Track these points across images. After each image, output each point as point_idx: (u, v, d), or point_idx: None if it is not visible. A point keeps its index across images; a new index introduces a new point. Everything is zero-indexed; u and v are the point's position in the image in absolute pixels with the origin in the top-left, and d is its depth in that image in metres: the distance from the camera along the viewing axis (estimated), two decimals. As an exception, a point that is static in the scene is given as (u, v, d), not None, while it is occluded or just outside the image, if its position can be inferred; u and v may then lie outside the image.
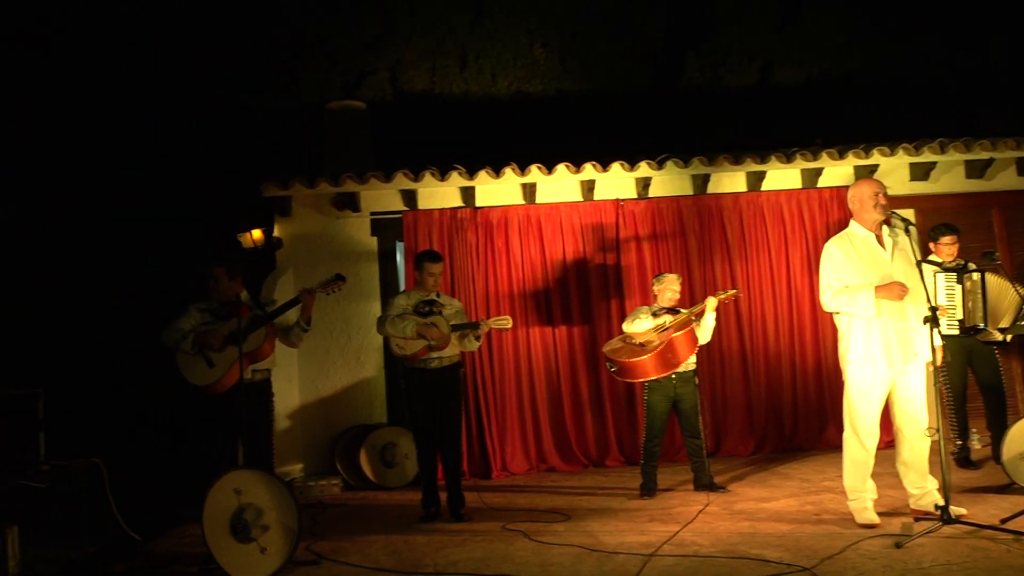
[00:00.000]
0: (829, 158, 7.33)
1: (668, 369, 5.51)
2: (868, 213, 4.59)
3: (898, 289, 4.41)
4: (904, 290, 4.42)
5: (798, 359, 7.24)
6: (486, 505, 5.69)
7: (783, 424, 7.21)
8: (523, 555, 4.40)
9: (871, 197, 4.57)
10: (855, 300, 4.45)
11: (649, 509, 5.32)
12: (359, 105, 8.26)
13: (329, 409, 7.20)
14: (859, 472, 4.57)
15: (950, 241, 5.91)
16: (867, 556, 3.95)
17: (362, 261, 7.38)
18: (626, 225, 7.30)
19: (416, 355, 5.30)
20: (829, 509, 4.95)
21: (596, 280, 7.25)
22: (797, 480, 5.96)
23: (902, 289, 4.42)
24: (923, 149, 7.36)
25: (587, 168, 7.21)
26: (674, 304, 5.79)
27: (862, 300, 4.43)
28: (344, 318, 7.30)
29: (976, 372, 5.94)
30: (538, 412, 7.09)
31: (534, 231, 7.27)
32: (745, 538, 4.44)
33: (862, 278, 4.51)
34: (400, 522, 5.40)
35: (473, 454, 6.94)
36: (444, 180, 7.20)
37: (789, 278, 7.31)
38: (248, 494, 4.20)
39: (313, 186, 7.13)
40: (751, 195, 7.45)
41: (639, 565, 4.05)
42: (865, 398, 4.52)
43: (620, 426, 7.12)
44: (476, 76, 9.38)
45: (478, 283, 7.13)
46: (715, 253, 7.32)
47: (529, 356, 7.14)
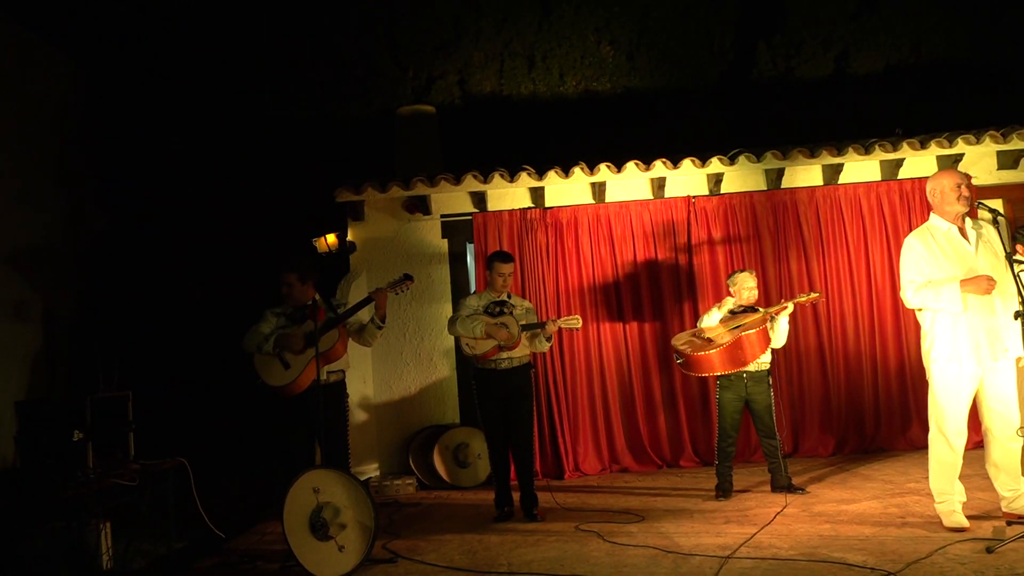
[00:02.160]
0: (910, 148, 7.07)
1: (735, 366, 5.39)
2: (950, 205, 4.41)
3: (985, 283, 4.22)
4: (992, 283, 4.23)
5: (879, 357, 7.01)
6: (559, 505, 5.68)
7: (864, 424, 6.99)
8: (597, 556, 4.38)
9: (953, 189, 4.39)
10: (940, 295, 4.29)
11: (725, 511, 5.23)
12: (428, 109, 8.37)
13: (403, 409, 7.31)
14: (946, 474, 4.40)
15: None
16: (956, 561, 3.80)
17: (433, 263, 7.47)
18: (698, 223, 7.19)
19: (486, 355, 5.33)
20: (914, 512, 4.78)
21: (667, 279, 7.17)
22: (880, 481, 5.77)
23: (989, 283, 4.23)
24: (1011, 136, 7.03)
25: (657, 165, 7.13)
26: (753, 302, 5.67)
27: (947, 295, 4.26)
28: (416, 320, 7.40)
29: None
30: (610, 412, 7.04)
31: (604, 230, 7.23)
32: (826, 541, 4.32)
33: (945, 273, 4.34)
34: (474, 521, 5.44)
35: (545, 454, 6.95)
36: (513, 181, 7.22)
37: (869, 274, 7.08)
38: (326, 493, 4.29)
39: (385, 190, 7.25)
40: (828, 189, 7.25)
41: (716, 567, 3.99)
42: (952, 397, 4.35)
43: (694, 426, 7.03)
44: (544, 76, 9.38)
45: (548, 283, 7.13)
46: (791, 250, 7.15)
47: (601, 356, 7.10)
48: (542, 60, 9.06)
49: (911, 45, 8.95)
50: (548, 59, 9.05)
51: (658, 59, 9.29)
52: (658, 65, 9.32)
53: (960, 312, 4.26)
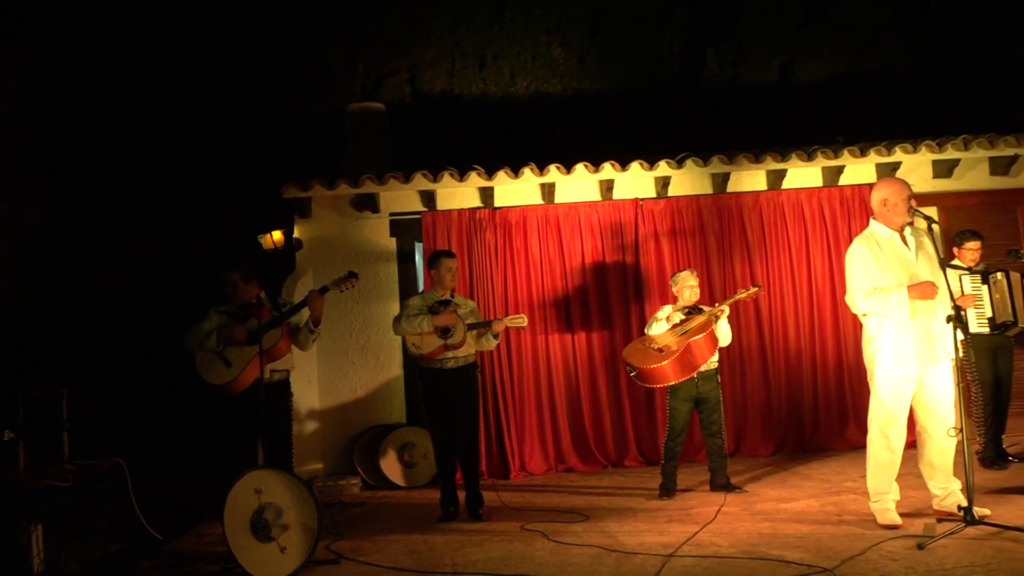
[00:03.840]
0: (851, 156, 7.25)
1: (688, 373, 5.46)
2: (898, 216, 4.53)
3: (930, 288, 4.37)
4: (935, 289, 4.38)
5: (819, 359, 7.18)
6: (505, 505, 5.69)
7: (803, 424, 7.15)
8: (542, 555, 4.40)
9: (904, 200, 4.51)
10: (888, 301, 4.39)
11: (668, 509, 5.30)
12: (378, 107, 8.30)
13: (348, 409, 7.24)
14: (885, 473, 4.52)
15: (975, 247, 6.01)
16: (889, 557, 3.90)
17: (381, 262, 7.41)
18: (645, 224, 7.27)
19: (432, 355, 5.32)
20: (850, 510, 4.91)
21: (615, 280, 7.23)
22: (818, 480, 5.91)
23: (933, 288, 4.38)
24: (946, 146, 7.26)
25: (606, 167, 7.19)
26: (695, 302, 5.75)
27: (896, 300, 4.37)
28: (363, 319, 7.34)
29: (996, 369, 5.99)
30: (556, 412, 7.08)
31: (553, 231, 7.26)
32: (765, 539, 4.41)
33: (890, 279, 4.46)
34: (419, 522, 5.42)
35: (492, 454, 6.95)
36: (463, 180, 7.21)
37: (810, 277, 7.25)
38: (268, 493, 4.23)
39: (333, 187, 7.17)
40: (771, 194, 7.39)
41: (658, 566, 4.04)
42: (896, 399, 4.47)
43: (639, 426, 7.10)
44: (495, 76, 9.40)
45: (496, 284, 7.14)
46: (735, 252, 7.27)
47: (548, 356, 7.13)
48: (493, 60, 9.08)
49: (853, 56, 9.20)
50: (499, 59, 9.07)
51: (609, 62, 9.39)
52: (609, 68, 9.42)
53: (907, 317, 4.38)
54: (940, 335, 4.44)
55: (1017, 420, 6.62)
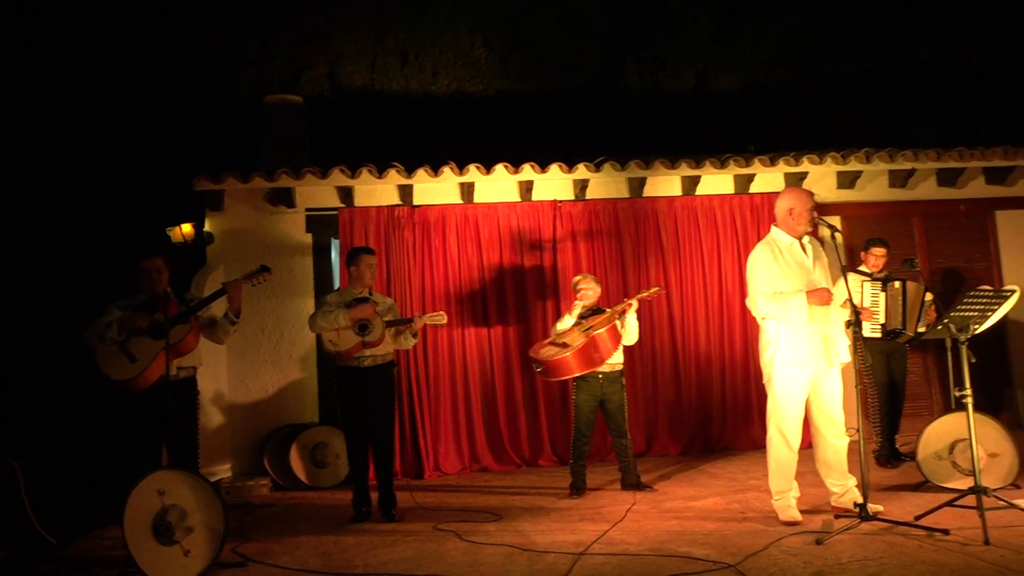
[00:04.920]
0: (761, 165, 7.50)
1: (591, 366, 5.55)
2: (801, 225, 4.71)
3: (826, 294, 4.57)
4: (831, 296, 4.59)
5: (727, 360, 7.39)
6: (418, 505, 5.66)
7: (712, 424, 7.35)
8: (454, 555, 4.39)
9: (808, 211, 4.70)
10: (788, 305, 4.56)
11: (580, 508, 5.37)
12: (296, 99, 8.13)
13: (259, 408, 7.07)
14: (784, 472, 4.69)
15: (880, 253, 6.31)
16: (789, 553, 4.05)
17: (296, 258, 7.26)
18: (563, 226, 7.35)
19: (349, 352, 5.24)
20: (754, 507, 5.07)
21: (532, 280, 7.28)
22: (724, 479, 6.08)
23: (829, 294, 4.59)
24: (850, 158, 7.59)
25: (525, 169, 7.23)
26: (594, 303, 5.87)
27: (795, 305, 4.54)
28: (276, 315, 7.18)
29: (890, 372, 6.31)
30: (472, 412, 7.08)
31: (471, 231, 7.26)
32: (673, 536, 4.51)
33: (790, 284, 4.63)
34: (330, 523, 5.33)
35: (406, 454, 6.90)
36: (382, 177, 7.13)
37: (721, 281, 7.46)
38: (172, 495, 4.09)
39: (247, 181, 6.99)
40: (686, 199, 7.58)
41: (569, 564, 4.08)
42: (792, 400, 4.64)
43: (553, 426, 7.17)
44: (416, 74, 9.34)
45: (414, 282, 7.09)
46: (650, 255, 7.42)
47: (464, 356, 7.13)
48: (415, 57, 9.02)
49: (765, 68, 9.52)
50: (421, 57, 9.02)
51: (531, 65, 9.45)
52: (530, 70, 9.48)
53: (804, 321, 4.55)
54: (833, 340, 4.65)
55: (911, 421, 6.97)
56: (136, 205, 7.82)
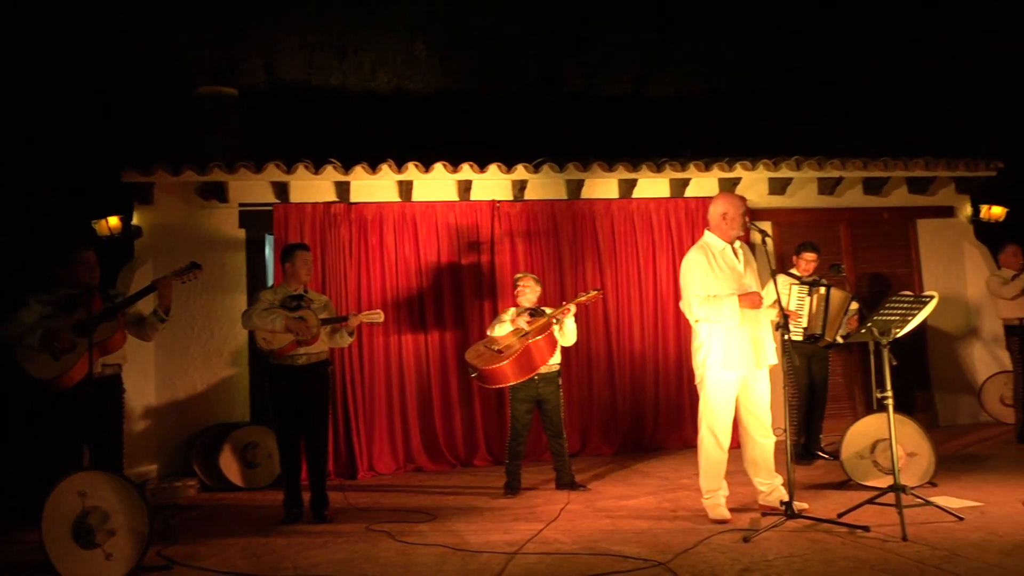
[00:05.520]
0: (696, 170, 7.64)
1: (527, 374, 5.56)
2: (733, 229, 4.81)
3: (757, 298, 4.69)
4: (762, 299, 4.71)
5: (661, 361, 7.51)
6: (351, 506, 5.60)
7: (645, 424, 7.46)
8: (387, 556, 4.36)
9: (740, 216, 4.81)
10: (722, 308, 4.65)
11: (514, 508, 5.38)
12: (230, 91, 7.95)
13: (187, 407, 6.89)
14: (715, 471, 4.78)
15: (811, 258, 6.52)
16: (718, 550, 4.13)
17: (228, 253, 7.11)
18: (501, 226, 7.36)
19: (284, 350, 5.15)
20: (685, 506, 5.16)
21: (469, 280, 7.27)
22: (656, 478, 6.18)
23: (760, 298, 4.71)
24: (781, 165, 7.79)
25: (464, 168, 7.22)
26: (535, 304, 5.88)
27: (728, 308, 4.64)
28: (207, 312, 7.01)
29: (811, 375, 6.53)
30: (407, 411, 7.04)
31: (409, 229, 7.21)
32: (605, 535, 4.56)
33: (723, 288, 4.73)
34: (260, 524, 5.23)
35: (339, 453, 6.82)
36: (318, 173, 7.03)
37: (655, 283, 7.57)
38: (93, 497, 3.96)
39: (178, 174, 6.81)
40: (622, 202, 7.67)
41: (503, 563, 4.09)
42: (724, 401, 4.74)
43: (489, 426, 7.17)
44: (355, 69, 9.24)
45: (350, 280, 7.01)
46: (587, 257, 7.49)
47: (400, 355, 7.08)
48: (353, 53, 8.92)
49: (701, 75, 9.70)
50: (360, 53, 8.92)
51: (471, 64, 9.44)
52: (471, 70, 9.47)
53: (736, 324, 4.65)
54: (763, 342, 4.78)
55: (836, 421, 7.20)
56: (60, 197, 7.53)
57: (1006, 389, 7.65)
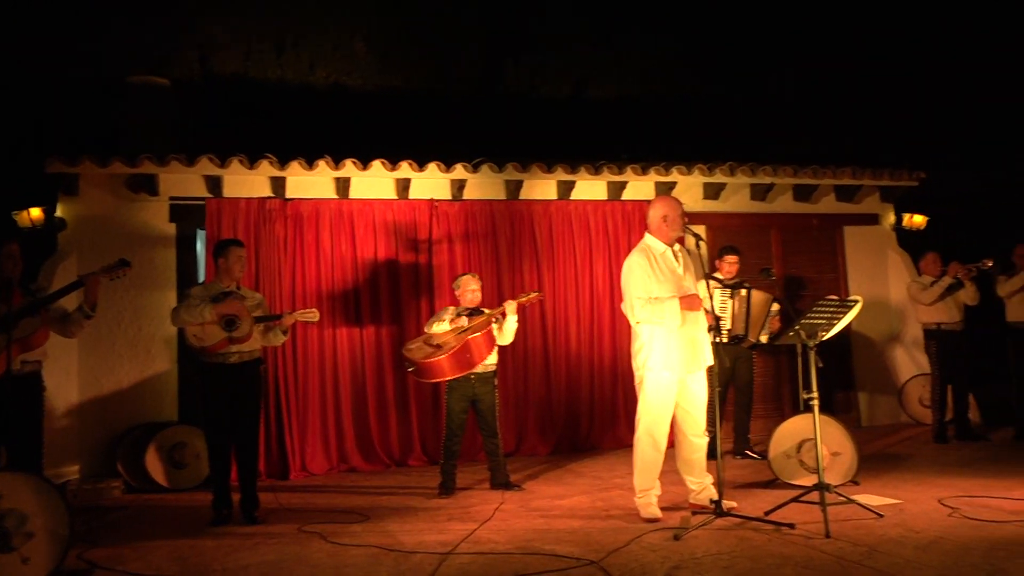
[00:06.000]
0: (633, 173, 7.74)
1: (464, 370, 5.57)
2: (673, 231, 4.88)
3: (697, 300, 4.75)
4: (700, 301, 4.77)
5: (596, 362, 7.59)
6: (282, 506, 5.51)
7: (580, 424, 7.53)
8: (318, 557, 4.30)
9: (679, 217, 4.87)
10: (664, 311, 4.69)
11: (449, 508, 5.37)
12: (163, 82, 7.74)
13: (112, 405, 6.68)
14: (650, 471, 4.84)
15: (732, 260, 6.71)
16: (649, 548, 4.19)
17: (158, 248, 6.92)
18: (439, 226, 7.34)
19: (215, 348, 5.04)
20: (618, 505, 5.22)
21: (407, 279, 7.23)
22: (590, 478, 6.24)
23: (699, 300, 4.77)
24: (715, 171, 7.95)
25: (403, 166, 7.18)
26: (476, 304, 5.89)
27: (669, 311, 4.69)
28: (135, 308, 6.81)
29: (736, 376, 6.70)
30: (341, 411, 6.96)
31: (346, 227, 7.13)
32: (539, 534, 4.58)
33: (664, 290, 4.78)
34: (188, 526, 5.11)
35: (271, 454, 6.70)
36: (253, 168, 6.90)
37: (592, 285, 7.64)
38: (9, 499, 3.81)
39: (105, 165, 6.61)
40: (561, 203, 7.72)
41: (436, 564, 4.08)
42: (663, 402, 4.80)
43: (424, 425, 7.14)
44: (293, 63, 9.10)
45: (285, 277, 6.90)
46: (524, 257, 7.52)
47: (335, 354, 7.00)
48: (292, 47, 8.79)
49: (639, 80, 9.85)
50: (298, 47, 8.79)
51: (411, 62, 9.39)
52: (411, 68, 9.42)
53: (677, 326, 4.72)
54: (701, 344, 4.86)
55: (765, 422, 7.38)
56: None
57: (925, 391, 7.96)
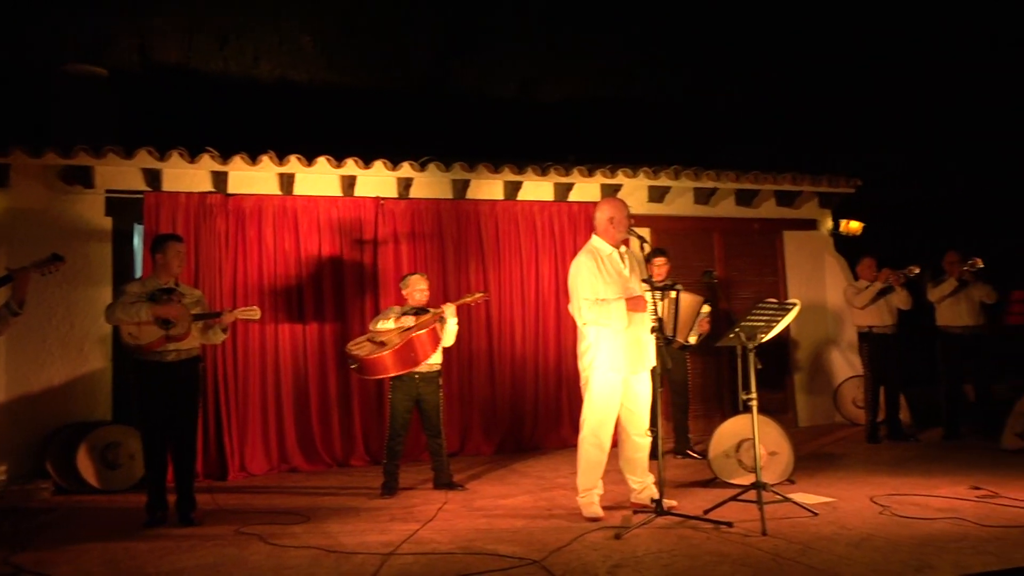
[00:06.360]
0: (580, 175, 7.80)
1: (408, 367, 5.54)
2: (620, 233, 4.92)
3: (643, 302, 4.80)
4: (646, 303, 4.82)
5: (541, 362, 7.62)
6: (220, 508, 5.41)
7: (524, 424, 7.55)
8: (257, 559, 4.23)
9: (626, 219, 4.92)
10: (611, 312, 4.73)
11: (391, 508, 5.33)
12: (100, 71, 7.53)
13: (42, 405, 6.46)
14: (593, 471, 4.87)
15: (661, 263, 6.80)
16: (591, 547, 4.22)
17: (93, 242, 6.72)
18: (385, 224, 7.28)
19: (151, 346, 4.91)
20: (560, 504, 5.24)
21: (351, 278, 7.16)
22: (533, 478, 6.26)
23: (645, 302, 4.81)
24: (660, 174, 8.06)
25: (349, 163, 7.10)
26: (423, 304, 5.87)
27: (616, 312, 4.73)
28: (67, 304, 6.61)
29: (671, 378, 6.77)
30: (283, 410, 6.85)
31: (289, 223, 7.03)
32: (481, 534, 4.58)
33: (611, 292, 4.81)
34: (121, 528, 4.96)
35: (209, 454, 6.56)
36: (194, 162, 6.76)
37: (537, 285, 7.67)
38: (-70, 500, 3.66)
39: (38, 155, 6.40)
40: (507, 203, 7.74)
41: (377, 565, 4.04)
42: (609, 403, 4.83)
43: (368, 425, 7.08)
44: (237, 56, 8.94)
45: (226, 274, 6.77)
46: (470, 257, 7.51)
47: (277, 352, 6.89)
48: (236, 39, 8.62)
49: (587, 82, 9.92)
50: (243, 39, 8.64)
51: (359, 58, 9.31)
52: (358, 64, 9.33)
53: (623, 328, 4.76)
54: (646, 345, 4.91)
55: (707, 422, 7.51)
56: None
57: (858, 392, 8.19)
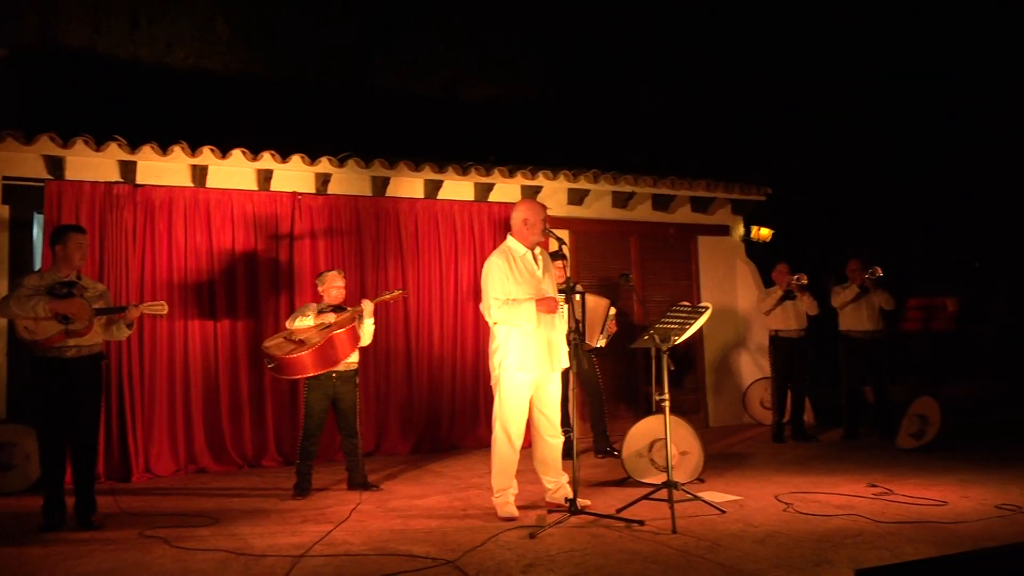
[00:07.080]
0: (501, 175, 7.83)
1: (328, 366, 5.47)
2: (534, 235, 4.97)
3: (554, 303, 4.86)
4: (557, 304, 4.88)
5: (459, 362, 7.62)
6: (122, 510, 5.20)
7: (441, 424, 7.53)
8: (161, 563, 4.09)
9: (540, 221, 4.96)
10: (520, 312, 4.78)
11: (303, 510, 5.24)
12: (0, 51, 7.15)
13: (-71, 402, 6.10)
14: (506, 470, 4.91)
15: (559, 266, 6.68)
16: (505, 547, 4.24)
17: (-12, 232, 6.38)
18: (302, 220, 7.15)
19: (50, 342, 4.68)
20: (476, 504, 5.25)
21: (266, 274, 7.00)
22: (449, 478, 6.25)
23: (556, 303, 4.88)
24: (579, 177, 8.16)
25: (265, 156, 6.94)
26: (340, 301, 5.79)
27: (525, 312, 4.78)
28: (-42, 296, 6.24)
29: (582, 379, 6.87)
30: (191, 409, 6.65)
31: (202, 217, 6.82)
32: (396, 535, 4.54)
33: (522, 292, 4.87)
34: (14, 533, 4.72)
35: (111, 454, 6.31)
36: (100, 150, 6.48)
37: (456, 285, 7.66)
38: None
39: (-73, 138, 6.03)
40: (427, 202, 7.70)
41: (287, 567, 3.96)
42: (518, 402, 4.88)
43: (280, 425, 6.93)
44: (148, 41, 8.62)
45: (132, 268, 6.52)
46: (389, 255, 7.45)
47: (186, 349, 6.68)
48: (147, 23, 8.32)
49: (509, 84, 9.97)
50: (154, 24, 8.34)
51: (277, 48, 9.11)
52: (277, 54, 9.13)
53: (533, 328, 4.79)
54: (557, 346, 4.97)
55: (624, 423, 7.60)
56: None
57: (766, 394, 8.47)
